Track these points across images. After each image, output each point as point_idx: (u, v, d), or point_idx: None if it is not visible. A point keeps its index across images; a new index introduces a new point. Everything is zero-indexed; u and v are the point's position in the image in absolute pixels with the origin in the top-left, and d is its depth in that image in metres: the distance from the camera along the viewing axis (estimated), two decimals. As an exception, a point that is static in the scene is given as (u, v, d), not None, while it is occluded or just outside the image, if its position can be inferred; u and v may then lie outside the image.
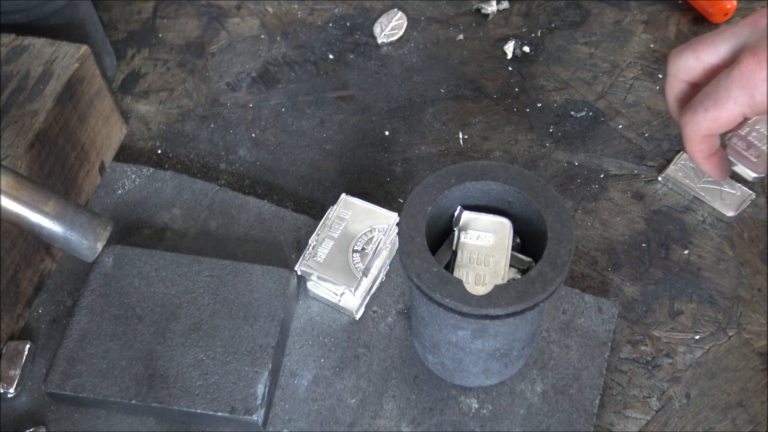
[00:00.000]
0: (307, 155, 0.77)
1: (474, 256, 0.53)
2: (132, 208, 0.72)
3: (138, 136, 0.79)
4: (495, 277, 0.52)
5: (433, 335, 0.55)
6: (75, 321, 0.61)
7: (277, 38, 0.86)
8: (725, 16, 0.84)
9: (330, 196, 0.73)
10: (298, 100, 0.81)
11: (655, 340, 0.64)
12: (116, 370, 0.59)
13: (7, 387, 0.61)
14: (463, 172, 0.51)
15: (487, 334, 0.52)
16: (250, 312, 0.61)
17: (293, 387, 0.61)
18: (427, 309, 0.52)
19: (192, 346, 0.60)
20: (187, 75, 0.84)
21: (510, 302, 0.47)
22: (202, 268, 0.63)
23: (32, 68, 0.67)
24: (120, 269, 0.63)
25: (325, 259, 0.62)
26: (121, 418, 0.60)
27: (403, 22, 0.86)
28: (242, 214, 0.71)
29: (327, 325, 0.64)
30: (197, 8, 0.89)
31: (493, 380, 0.59)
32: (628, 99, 0.79)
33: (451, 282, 0.48)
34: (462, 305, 0.47)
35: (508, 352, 0.55)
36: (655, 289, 0.66)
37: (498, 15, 0.87)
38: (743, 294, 0.66)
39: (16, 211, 0.52)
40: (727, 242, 0.69)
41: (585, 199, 0.72)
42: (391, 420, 0.59)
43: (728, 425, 0.59)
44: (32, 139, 0.63)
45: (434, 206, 0.51)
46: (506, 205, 0.53)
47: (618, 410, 0.60)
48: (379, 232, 0.63)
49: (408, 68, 0.83)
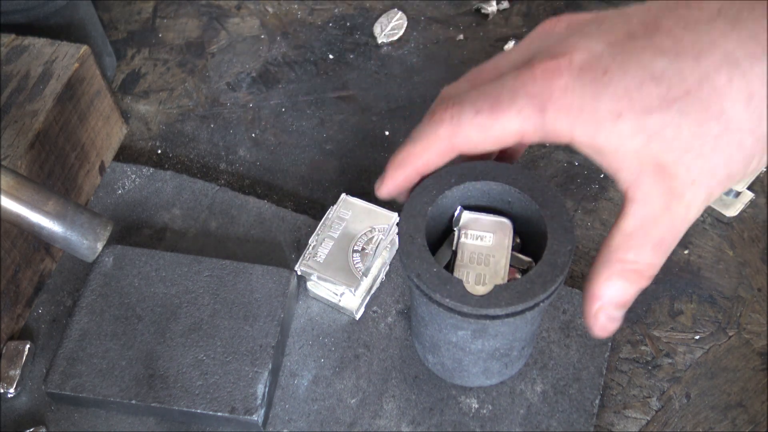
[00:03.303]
0: (307, 155, 0.77)
1: (474, 256, 0.53)
2: (132, 208, 0.72)
3: (138, 136, 0.79)
4: (495, 278, 0.52)
5: (433, 335, 0.55)
6: (75, 321, 0.61)
7: (277, 38, 0.86)
8: (725, 16, 0.84)
9: (330, 196, 0.73)
10: (298, 100, 0.81)
11: (655, 340, 0.64)
12: (116, 370, 0.59)
13: (7, 387, 0.61)
14: (463, 172, 0.51)
15: (487, 334, 0.52)
16: (250, 312, 0.61)
17: (293, 387, 0.61)
18: (427, 309, 0.52)
19: (192, 346, 0.60)
20: (187, 75, 0.84)
21: (510, 302, 0.47)
22: (202, 268, 0.63)
23: (32, 68, 0.67)
24: (120, 269, 0.63)
25: (325, 259, 0.62)
26: (121, 418, 0.60)
27: (403, 22, 0.86)
28: (242, 214, 0.71)
29: (327, 325, 0.64)
30: (197, 8, 0.89)
31: (494, 380, 0.59)
32: (628, 99, 0.79)
33: (451, 282, 0.48)
34: (462, 305, 0.47)
35: (508, 352, 0.55)
36: (655, 289, 0.66)
37: (498, 15, 0.87)
38: (743, 294, 0.66)
39: (16, 211, 0.52)
40: (727, 242, 0.69)
41: (585, 199, 0.72)
42: (391, 420, 0.59)
43: (728, 425, 0.59)
44: (32, 139, 0.63)
45: (434, 206, 0.51)
46: (506, 205, 0.53)
47: (618, 410, 0.61)
48: (379, 232, 0.63)
49: (408, 68, 0.83)
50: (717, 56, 0.36)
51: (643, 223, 0.40)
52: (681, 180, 0.38)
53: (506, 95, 0.38)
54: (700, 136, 0.37)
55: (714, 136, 0.37)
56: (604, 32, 0.39)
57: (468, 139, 0.40)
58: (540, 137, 0.39)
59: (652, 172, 0.38)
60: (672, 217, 0.39)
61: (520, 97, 0.38)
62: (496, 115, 0.38)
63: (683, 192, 0.38)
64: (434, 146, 0.43)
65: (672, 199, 0.38)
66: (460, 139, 0.41)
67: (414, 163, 0.45)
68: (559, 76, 0.37)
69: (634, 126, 0.37)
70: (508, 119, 0.38)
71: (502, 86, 0.39)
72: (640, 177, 0.38)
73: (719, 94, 0.36)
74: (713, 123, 0.36)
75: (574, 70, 0.37)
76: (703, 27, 0.36)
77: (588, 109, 0.37)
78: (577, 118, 0.38)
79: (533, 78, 0.37)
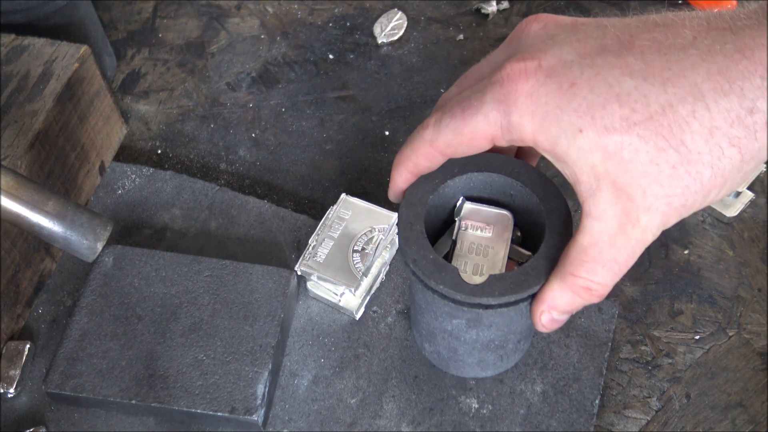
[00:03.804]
0: (307, 155, 0.77)
1: (473, 246, 0.53)
2: (132, 208, 0.72)
3: (138, 136, 0.79)
4: (493, 269, 0.52)
5: (430, 323, 0.56)
6: (75, 321, 0.61)
7: (277, 38, 0.86)
8: (725, 16, 0.84)
9: (330, 196, 0.73)
10: (298, 100, 0.81)
11: (655, 340, 0.64)
12: (116, 370, 0.59)
13: (7, 387, 0.61)
14: (466, 162, 0.51)
15: (481, 324, 0.52)
16: (250, 312, 0.61)
17: (293, 387, 0.61)
18: (423, 296, 0.52)
19: (192, 346, 0.60)
20: (187, 75, 0.84)
21: (504, 292, 0.47)
22: (202, 268, 0.63)
23: (32, 68, 0.67)
24: (120, 269, 0.64)
25: (325, 259, 0.62)
26: (121, 418, 0.60)
27: (403, 22, 0.86)
28: (242, 214, 0.71)
29: (327, 325, 0.64)
30: (197, 8, 0.89)
31: (489, 372, 0.59)
32: (628, 99, 0.79)
33: (446, 269, 0.48)
34: (456, 293, 0.47)
35: (503, 345, 0.56)
36: (655, 289, 0.66)
37: (498, 15, 0.87)
38: (743, 294, 0.66)
39: (16, 211, 0.52)
40: (727, 242, 0.69)
41: (585, 199, 0.72)
42: (391, 420, 0.59)
43: (728, 425, 0.59)
44: (32, 139, 0.63)
45: (436, 195, 0.51)
46: (508, 197, 0.54)
47: (618, 410, 0.61)
48: (379, 232, 0.63)
49: (408, 68, 0.83)
50: (684, 86, 0.36)
51: (597, 239, 0.40)
52: (637, 203, 0.38)
53: (475, 100, 0.40)
54: (658, 163, 0.37)
55: (671, 165, 0.37)
56: (577, 41, 0.39)
57: (446, 142, 0.42)
58: (508, 140, 0.40)
59: (609, 190, 0.39)
60: (626, 240, 0.40)
61: (488, 101, 0.39)
62: (467, 119, 0.40)
63: (639, 216, 0.39)
64: (420, 149, 0.45)
65: (627, 222, 0.39)
66: (440, 143, 0.43)
67: (406, 165, 0.47)
68: (525, 81, 0.38)
69: (593, 143, 0.37)
70: (476, 123, 0.40)
71: (474, 91, 0.40)
72: (597, 193, 0.39)
73: (681, 124, 0.36)
74: (672, 152, 0.37)
75: (541, 75, 0.38)
76: (675, 55, 0.37)
77: (551, 118, 0.38)
78: (539, 125, 0.38)
79: (501, 82, 0.38)
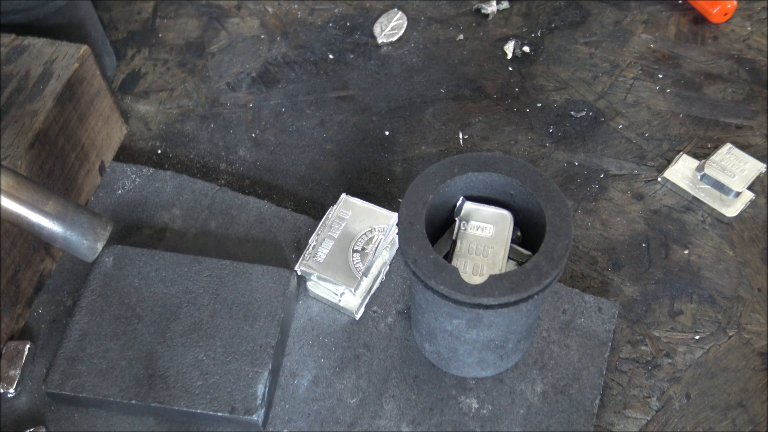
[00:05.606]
0: (307, 155, 0.77)
1: (473, 246, 0.53)
2: (132, 208, 0.72)
3: (138, 136, 0.79)
4: (493, 268, 0.52)
5: (430, 323, 0.56)
6: (75, 321, 0.61)
7: (277, 38, 0.86)
8: (725, 16, 0.84)
9: (330, 196, 0.73)
10: (298, 100, 0.81)
11: (655, 340, 0.64)
12: (116, 370, 0.59)
13: (7, 387, 0.61)
14: (467, 162, 0.52)
15: (481, 324, 0.52)
16: (250, 312, 0.61)
17: (293, 387, 0.61)
18: (424, 296, 0.52)
19: (192, 346, 0.60)
20: (187, 75, 0.84)
21: (504, 292, 0.47)
22: (202, 268, 0.63)
23: (32, 68, 0.67)
24: (120, 269, 0.63)
25: (325, 259, 0.62)
26: (121, 418, 0.60)
27: (403, 22, 0.86)
28: (242, 214, 0.71)
29: (327, 325, 0.64)
30: (197, 8, 0.89)
31: (489, 372, 0.59)
32: (628, 99, 0.79)
33: (446, 270, 0.48)
34: (456, 293, 0.47)
35: (503, 344, 0.56)
36: (655, 289, 0.66)
37: (498, 15, 0.87)
38: (743, 294, 0.66)
39: (16, 211, 0.52)
40: (727, 242, 0.69)
41: (585, 199, 0.72)
42: (391, 420, 0.59)
43: (728, 425, 0.59)
44: (32, 139, 0.63)
45: (436, 195, 0.51)
46: (508, 197, 0.54)
47: (618, 410, 0.61)
48: (379, 232, 0.63)
49: (408, 68, 0.83)
50: None
51: None
52: None
53: None
54: None
55: None
56: None
57: None
58: None
59: None
60: None
61: None
62: None
63: None
64: None
65: None
66: None
67: None
68: None
69: None
70: None
71: None
72: None
73: None
74: None
75: None
76: None
77: None
78: None
79: None
